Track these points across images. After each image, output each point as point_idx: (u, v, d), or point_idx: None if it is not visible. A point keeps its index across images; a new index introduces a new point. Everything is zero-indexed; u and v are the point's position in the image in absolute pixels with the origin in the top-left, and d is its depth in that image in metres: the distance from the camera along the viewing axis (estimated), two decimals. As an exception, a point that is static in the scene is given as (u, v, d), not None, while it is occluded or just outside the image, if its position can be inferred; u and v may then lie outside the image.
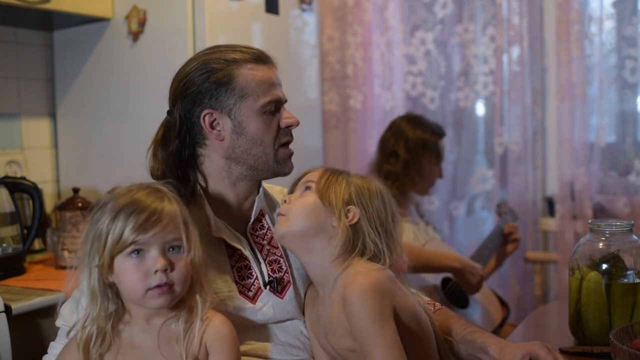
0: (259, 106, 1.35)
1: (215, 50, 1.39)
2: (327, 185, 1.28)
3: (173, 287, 1.15)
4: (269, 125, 1.37)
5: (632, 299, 1.41)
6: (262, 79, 1.36)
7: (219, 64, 1.35)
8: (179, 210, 1.18)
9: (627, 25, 2.66)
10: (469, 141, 3.04)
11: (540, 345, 1.24)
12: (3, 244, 2.00)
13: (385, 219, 1.29)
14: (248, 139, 1.36)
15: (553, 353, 1.23)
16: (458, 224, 3.07)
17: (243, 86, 1.34)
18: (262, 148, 1.37)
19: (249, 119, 1.35)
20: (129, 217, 1.13)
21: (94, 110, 2.53)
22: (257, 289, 1.36)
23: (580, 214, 2.71)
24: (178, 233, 1.16)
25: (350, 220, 1.26)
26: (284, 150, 1.40)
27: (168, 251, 1.16)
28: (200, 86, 1.35)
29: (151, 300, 1.14)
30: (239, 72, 1.35)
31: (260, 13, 2.51)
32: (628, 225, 1.45)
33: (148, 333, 1.18)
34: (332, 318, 1.24)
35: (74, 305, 1.32)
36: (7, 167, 2.47)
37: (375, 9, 3.06)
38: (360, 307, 1.15)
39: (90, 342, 1.16)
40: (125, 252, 1.14)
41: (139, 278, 1.13)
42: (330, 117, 3.20)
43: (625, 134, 2.72)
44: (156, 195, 1.18)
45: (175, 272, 1.15)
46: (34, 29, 2.57)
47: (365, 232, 1.26)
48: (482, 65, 2.96)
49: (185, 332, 1.16)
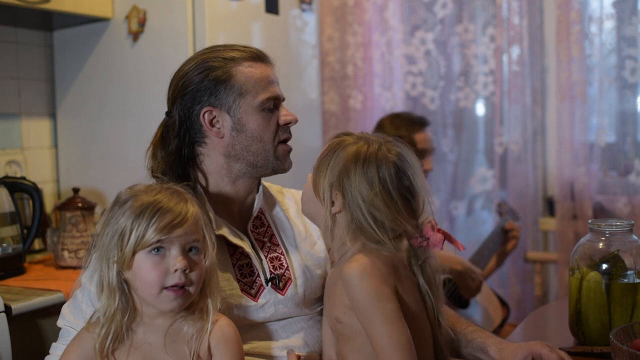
0: (258, 103, 1.36)
1: (213, 50, 1.40)
2: (318, 168, 1.24)
3: (188, 288, 1.15)
4: (268, 122, 1.38)
5: (632, 299, 1.41)
6: (260, 77, 1.37)
7: (218, 62, 1.36)
8: (199, 213, 1.19)
9: (627, 25, 2.66)
10: (469, 141, 3.05)
11: (542, 344, 1.23)
12: (3, 244, 2.00)
13: (375, 197, 1.16)
14: (247, 136, 1.37)
15: (556, 351, 1.23)
16: (458, 224, 3.07)
17: (242, 83, 1.35)
18: (262, 145, 1.37)
19: (249, 116, 1.36)
20: (153, 217, 1.14)
21: (94, 110, 2.52)
22: (259, 286, 1.36)
23: (580, 214, 2.71)
24: (199, 234, 1.18)
25: (335, 208, 1.20)
26: (283, 146, 1.41)
27: (188, 252, 1.17)
28: (199, 84, 1.36)
29: (165, 301, 1.15)
30: (237, 69, 1.36)
31: (260, 13, 2.51)
32: (628, 225, 1.45)
33: (155, 332, 1.18)
34: (329, 288, 1.26)
35: (75, 306, 1.32)
36: (7, 167, 2.47)
37: (375, 9, 3.06)
38: (359, 285, 1.13)
39: (108, 338, 1.16)
40: (146, 250, 1.14)
41: (158, 275, 1.14)
42: (330, 117, 3.20)
43: (625, 134, 2.72)
44: (179, 197, 1.19)
45: (193, 273, 1.16)
46: (34, 29, 2.57)
47: (355, 217, 1.18)
48: (482, 65, 2.96)
49: (195, 335, 1.17)
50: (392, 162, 1.19)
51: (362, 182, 1.17)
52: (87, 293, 1.29)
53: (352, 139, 1.23)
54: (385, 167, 1.18)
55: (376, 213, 1.16)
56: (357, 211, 1.17)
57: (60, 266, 2.10)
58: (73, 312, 1.31)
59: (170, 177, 1.34)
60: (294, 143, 1.44)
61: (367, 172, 1.17)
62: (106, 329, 1.16)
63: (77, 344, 1.20)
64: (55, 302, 1.78)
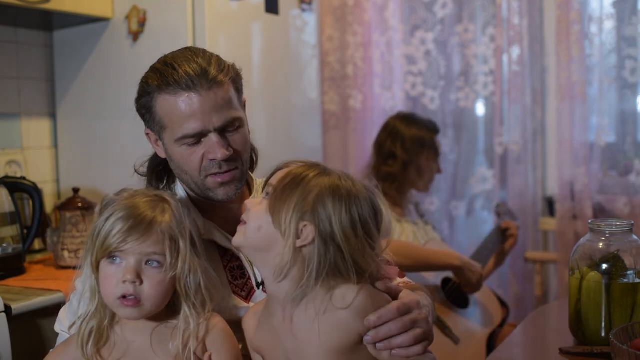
0: (175, 139, 1.29)
1: (159, 62, 1.32)
2: (281, 196, 1.08)
3: (141, 301, 1.13)
4: (189, 156, 1.29)
5: (632, 299, 1.41)
6: (179, 111, 1.26)
7: (144, 87, 1.31)
8: (169, 224, 1.15)
9: (627, 25, 2.66)
10: (469, 141, 3.05)
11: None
12: (3, 244, 2.00)
13: (356, 236, 1.07)
14: (175, 166, 1.34)
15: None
16: (458, 224, 3.07)
17: (160, 117, 1.29)
18: (189, 176, 1.32)
19: (172, 148, 1.31)
20: (117, 221, 1.12)
21: (94, 110, 2.52)
22: (250, 289, 1.36)
23: (580, 214, 2.71)
24: (160, 248, 1.13)
25: (303, 240, 1.06)
26: (213, 178, 1.30)
27: (146, 264, 1.13)
28: (137, 103, 1.34)
29: (120, 309, 1.14)
30: (156, 102, 1.29)
31: (260, 13, 2.51)
32: (628, 225, 1.45)
33: (140, 333, 1.18)
34: (299, 341, 1.08)
35: (71, 311, 1.32)
36: (7, 167, 2.47)
37: (375, 9, 3.06)
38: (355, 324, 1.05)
39: (90, 337, 1.16)
40: (107, 257, 1.14)
41: (112, 285, 1.13)
42: (330, 117, 3.20)
43: (625, 134, 2.72)
44: (154, 204, 1.16)
45: (145, 287, 1.13)
46: (34, 29, 2.57)
47: (329, 252, 1.06)
48: (482, 65, 2.96)
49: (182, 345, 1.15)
50: (367, 200, 1.10)
51: (345, 220, 1.07)
52: (82, 297, 1.28)
53: (316, 171, 1.11)
54: (365, 206, 1.09)
55: (353, 252, 1.06)
56: (332, 247, 1.06)
57: (60, 266, 2.10)
58: (69, 317, 1.31)
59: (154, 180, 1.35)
60: (294, 143, 1.43)
61: (350, 209, 1.07)
62: (87, 326, 1.17)
63: (63, 345, 1.22)
64: (55, 302, 1.78)
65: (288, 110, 2.65)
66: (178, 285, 1.16)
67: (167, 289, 1.15)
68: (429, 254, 2.26)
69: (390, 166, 2.42)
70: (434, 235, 2.53)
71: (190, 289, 1.16)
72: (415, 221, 2.48)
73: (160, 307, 1.16)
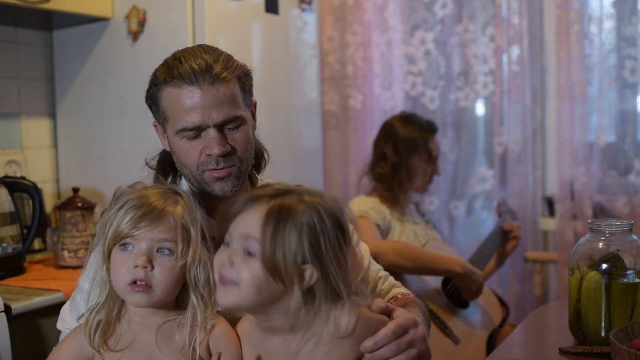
0: (176, 131, 1.31)
1: (171, 56, 1.34)
2: (273, 247, 1.03)
3: (153, 287, 1.14)
4: (188, 150, 1.31)
5: (632, 299, 1.41)
6: (182, 104, 1.28)
7: (153, 80, 1.33)
8: (181, 214, 1.17)
9: (627, 25, 2.66)
10: (469, 141, 3.05)
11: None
12: (3, 244, 2.00)
13: (340, 250, 1.06)
14: (176, 159, 1.36)
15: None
16: (458, 224, 3.07)
17: (164, 109, 1.32)
18: (188, 170, 1.33)
19: (174, 141, 1.33)
20: (129, 211, 1.15)
21: (93, 110, 2.53)
22: None
23: (580, 214, 2.71)
24: (172, 235, 1.15)
25: (309, 282, 1.05)
26: (210, 173, 1.31)
27: (157, 252, 1.15)
28: (146, 95, 1.36)
29: (130, 295, 1.15)
30: (161, 94, 1.31)
31: (260, 13, 2.51)
32: (628, 225, 1.45)
33: (147, 329, 1.18)
34: None
35: (74, 308, 1.33)
36: (7, 167, 2.47)
37: (375, 9, 3.06)
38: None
39: (98, 328, 1.17)
40: (118, 245, 1.16)
41: (123, 271, 1.14)
42: (330, 117, 3.20)
43: (625, 134, 2.72)
44: (165, 196, 1.19)
45: (155, 273, 1.14)
46: (34, 29, 2.57)
47: (331, 281, 1.05)
48: (482, 65, 2.96)
49: (189, 338, 1.16)
50: (328, 213, 1.07)
51: (334, 243, 1.06)
52: (85, 295, 1.29)
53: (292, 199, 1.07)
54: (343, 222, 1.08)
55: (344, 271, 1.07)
56: (333, 274, 1.05)
57: (60, 266, 2.10)
58: (72, 314, 1.32)
59: (162, 175, 1.36)
60: (294, 143, 1.43)
61: (333, 228, 1.06)
62: (97, 319, 1.18)
63: (70, 336, 1.22)
64: (55, 302, 1.78)
65: (288, 110, 2.65)
66: (188, 276, 1.17)
67: (178, 278, 1.16)
68: (432, 259, 2.24)
69: (381, 167, 2.42)
70: (435, 235, 2.53)
71: (200, 280, 1.18)
72: (417, 221, 2.48)
73: (169, 297, 1.17)
